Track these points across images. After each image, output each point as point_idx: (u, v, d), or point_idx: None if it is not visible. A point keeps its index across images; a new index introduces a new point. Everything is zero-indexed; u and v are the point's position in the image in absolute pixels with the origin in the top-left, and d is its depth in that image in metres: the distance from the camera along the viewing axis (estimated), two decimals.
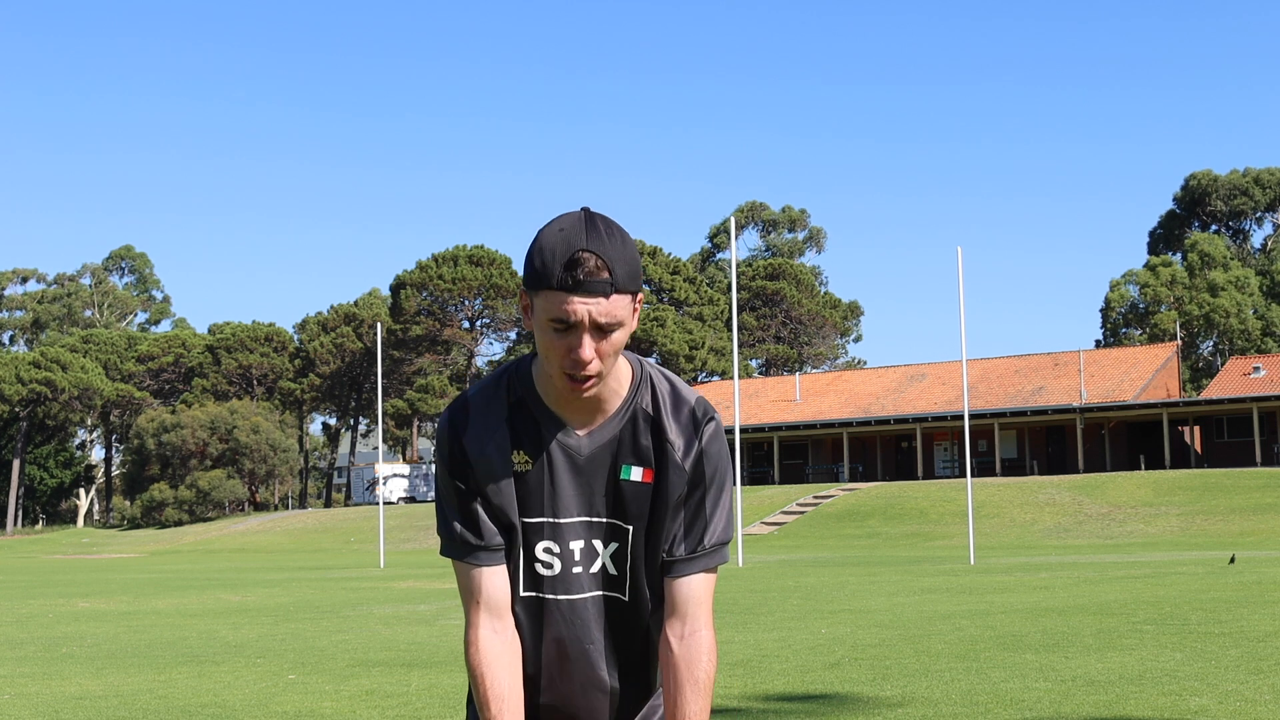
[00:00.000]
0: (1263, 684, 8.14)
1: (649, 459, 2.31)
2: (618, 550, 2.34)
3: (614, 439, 2.30)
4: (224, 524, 72.14)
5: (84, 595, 23.24)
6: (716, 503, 2.35)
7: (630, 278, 2.15)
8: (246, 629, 14.83)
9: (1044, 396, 59.60)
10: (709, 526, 2.33)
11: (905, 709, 7.64)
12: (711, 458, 2.32)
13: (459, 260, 78.08)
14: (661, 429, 2.31)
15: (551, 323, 2.14)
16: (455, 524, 2.31)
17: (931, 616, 13.88)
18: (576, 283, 2.10)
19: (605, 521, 2.32)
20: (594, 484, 2.31)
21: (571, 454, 2.30)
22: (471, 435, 2.30)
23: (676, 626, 2.32)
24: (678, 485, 2.31)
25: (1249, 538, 37.61)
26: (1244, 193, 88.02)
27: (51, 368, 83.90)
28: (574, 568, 2.33)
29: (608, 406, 2.30)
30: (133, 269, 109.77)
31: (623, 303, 2.15)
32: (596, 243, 2.12)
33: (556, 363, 2.17)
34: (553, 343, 2.16)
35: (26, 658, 12.08)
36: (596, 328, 2.14)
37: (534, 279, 2.15)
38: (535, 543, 2.31)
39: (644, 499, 2.31)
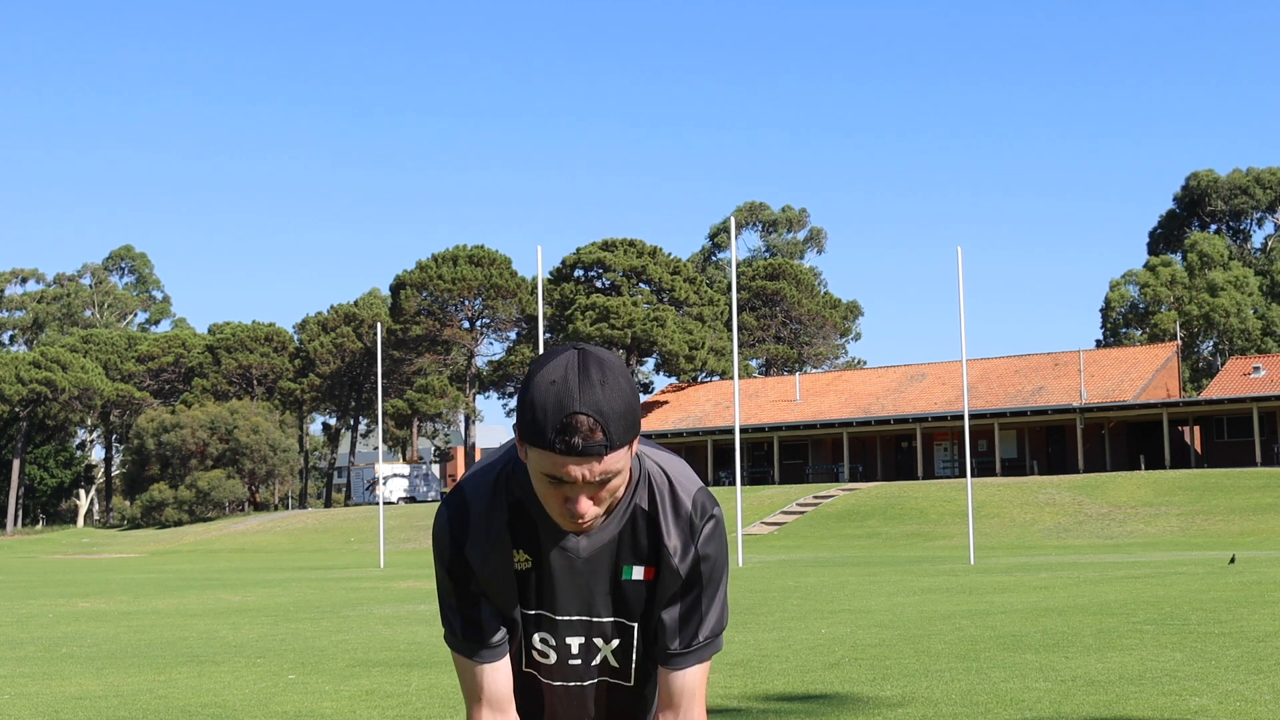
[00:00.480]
0: (1262, 684, 8.14)
1: (648, 558, 2.32)
2: (621, 645, 2.38)
3: (613, 540, 2.30)
4: (224, 524, 72.14)
5: (84, 595, 23.24)
6: (712, 600, 2.35)
7: (626, 430, 2.10)
8: (246, 629, 14.83)
9: (1044, 396, 59.60)
10: (704, 622, 2.35)
11: (905, 709, 7.64)
12: (709, 559, 2.32)
13: (459, 260, 78.06)
14: (658, 530, 2.30)
15: (547, 477, 2.12)
16: (456, 623, 2.33)
17: (931, 616, 13.88)
18: (570, 448, 2.05)
19: (609, 621, 2.35)
20: (594, 584, 2.32)
21: (570, 555, 2.30)
22: (473, 545, 2.30)
23: (669, 716, 2.35)
24: (671, 586, 2.32)
25: (1249, 538, 37.61)
26: (1245, 192, 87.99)
27: (51, 368, 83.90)
28: (571, 660, 2.38)
29: None
30: (132, 269, 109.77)
31: (619, 457, 2.10)
32: (590, 399, 2.05)
33: (554, 509, 2.17)
34: (549, 492, 2.14)
35: (27, 658, 12.08)
36: (592, 484, 2.11)
37: (527, 433, 2.10)
38: (532, 633, 2.36)
39: (644, 595, 2.34)
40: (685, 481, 2.34)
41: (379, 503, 48.72)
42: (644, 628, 2.36)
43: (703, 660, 2.35)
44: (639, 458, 2.35)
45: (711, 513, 2.32)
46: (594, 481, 2.10)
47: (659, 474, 2.34)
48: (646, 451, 2.36)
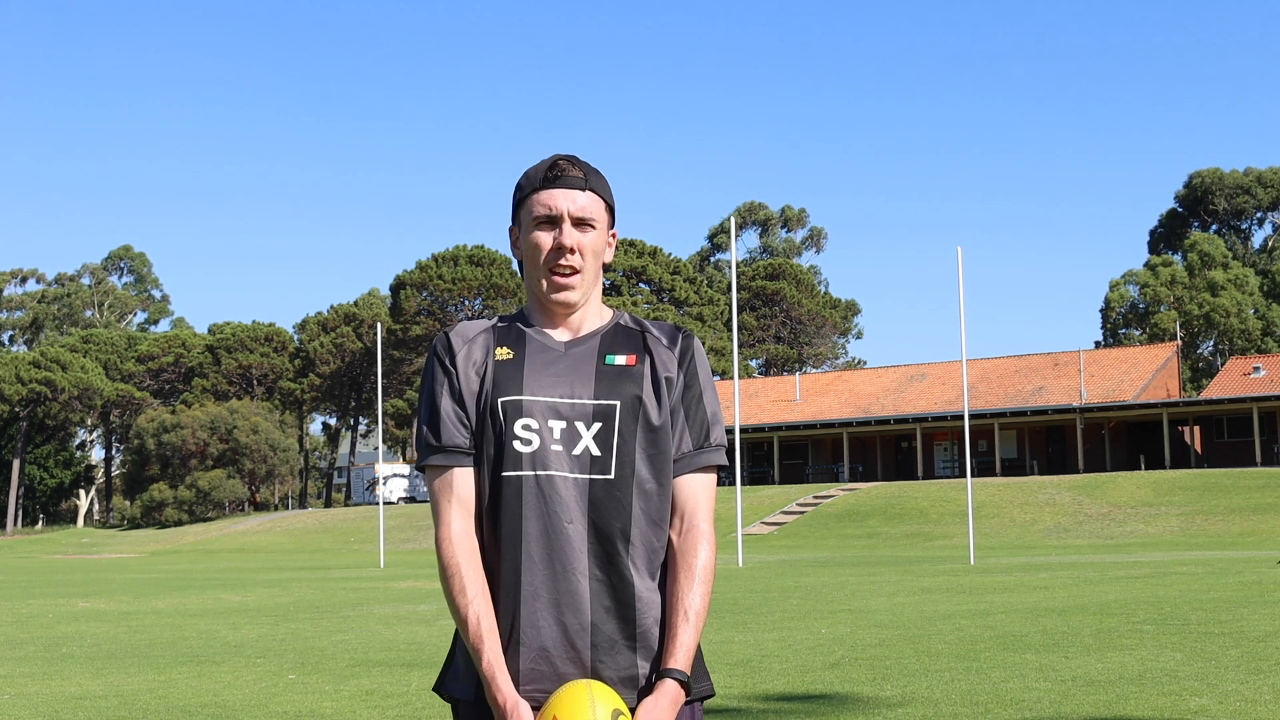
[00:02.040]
0: (1262, 684, 8.14)
1: (631, 349, 2.46)
2: (602, 429, 2.38)
3: (596, 336, 2.48)
4: (224, 524, 72.14)
5: (84, 595, 23.24)
6: (713, 404, 2.48)
7: (603, 188, 2.48)
8: (246, 629, 14.82)
9: (1044, 396, 59.61)
10: (708, 425, 2.46)
11: (905, 709, 7.64)
12: (700, 364, 2.48)
13: (459, 260, 78.08)
14: (646, 330, 2.50)
15: (535, 222, 2.43)
16: (429, 427, 2.43)
17: (931, 616, 13.88)
18: (555, 178, 2.42)
19: (589, 403, 2.39)
20: (576, 371, 2.42)
21: (554, 348, 2.45)
22: (459, 333, 2.48)
23: (677, 524, 2.41)
24: (669, 365, 2.45)
25: (1249, 538, 37.61)
26: (1246, 191, 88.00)
27: (51, 368, 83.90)
28: (553, 445, 2.37)
29: (589, 327, 2.49)
30: (131, 269, 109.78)
31: (597, 204, 2.45)
32: (572, 158, 2.47)
33: (542, 263, 2.43)
34: (539, 242, 2.43)
35: (27, 658, 12.08)
36: (575, 221, 2.42)
37: (519, 194, 2.48)
38: (514, 420, 2.38)
39: (628, 379, 2.42)
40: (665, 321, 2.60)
41: (379, 503, 48.73)
42: (630, 414, 2.39)
43: (710, 466, 2.45)
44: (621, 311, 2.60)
45: (691, 333, 2.52)
46: (576, 218, 2.42)
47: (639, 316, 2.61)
48: None
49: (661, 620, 2.38)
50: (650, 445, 2.40)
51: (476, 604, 2.30)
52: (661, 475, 2.42)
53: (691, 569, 2.35)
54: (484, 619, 2.30)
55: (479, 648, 2.29)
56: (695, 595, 2.34)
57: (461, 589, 2.31)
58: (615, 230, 2.54)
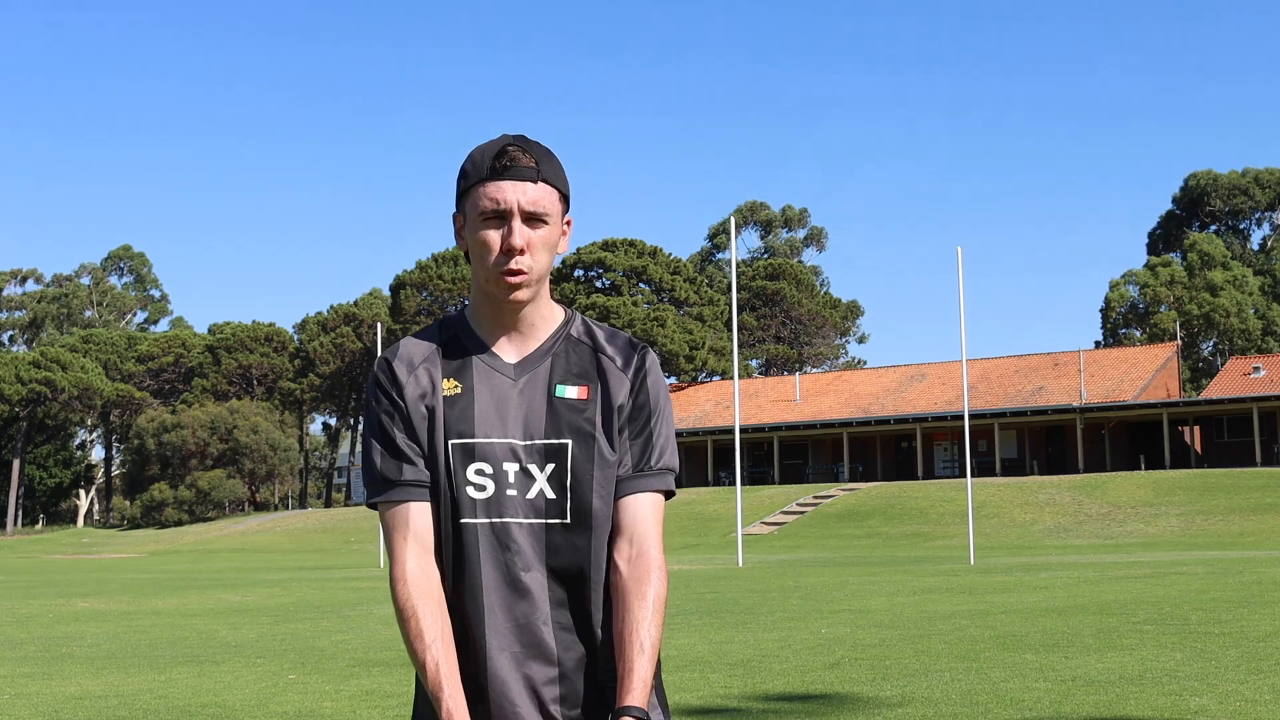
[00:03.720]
0: (1262, 684, 8.14)
1: (584, 379, 2.31)
2: (555, 470, 2.27)
3: (548, 363, 2.31)
4: (224, 524, 72.14)
5: (84, 595, 23.24)
6: (663, 426, 2.34)
7: (556, 175, 2.26)
8: (246, 629, 14.82)
9: (1044, 396, 59.60)
10: (654, 447, 2.32)
11: (905, 709, 7.64)
12: (652, 386, 2.34)
13: (459, 260, 78.06)
14: (599, 348, 2.33)
15: (483, 218, 2.21)
16: (380, 461, 2.27)
17: (931, 616, 13.88)
18: (504, 168, 2.20)
19: (541, 443, 2.27)
20: (528, 406, 2.28)
21: (502, 377, 2.29)
22: (402, 360, 2.30)
23: (624, 549, 2.27)
24: (620, 393, 2.30)
25: (1249, 538, 37.61)
26: (1244, 192, 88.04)
27: (51, 368, 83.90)
28: (508, 490, 2.25)
29: (539, 333, 2.32)
30: (131, 269, 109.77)
31: (550, 195, 2.24)
32: (524, 143, 2.25)
33: (489, 261, 2.22)
34: (485, 240, 2.21)
35: (27, 658, 12.08)
36: (526, 216, 2.21)
37: (465, 180, 2.25)
38: (466, 465, 2.25)
39: (580, 415, 2.29)
40: (620, 331, 2.40)
41: None
42: (583, 453, 2.27)
43: (657, 489, 2.31)
44: (572, 309, 2.44)
45: (649, 349, 2.36)
46: (527, 211, 2.20)
47: (593, 321, 2.41)
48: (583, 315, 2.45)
49: None
50: (604, 483, 2.29)
51: (434, 649, 2.18)
52: (608, 503, 2.33)
53: (645, 598, 2.22)
54: (442, 664, 2.17)
55: (438, 694, 2.16)
56: (651, 627, 2.21)
57: (419, 633, 2.19)
58: (570, 218, 2.35)
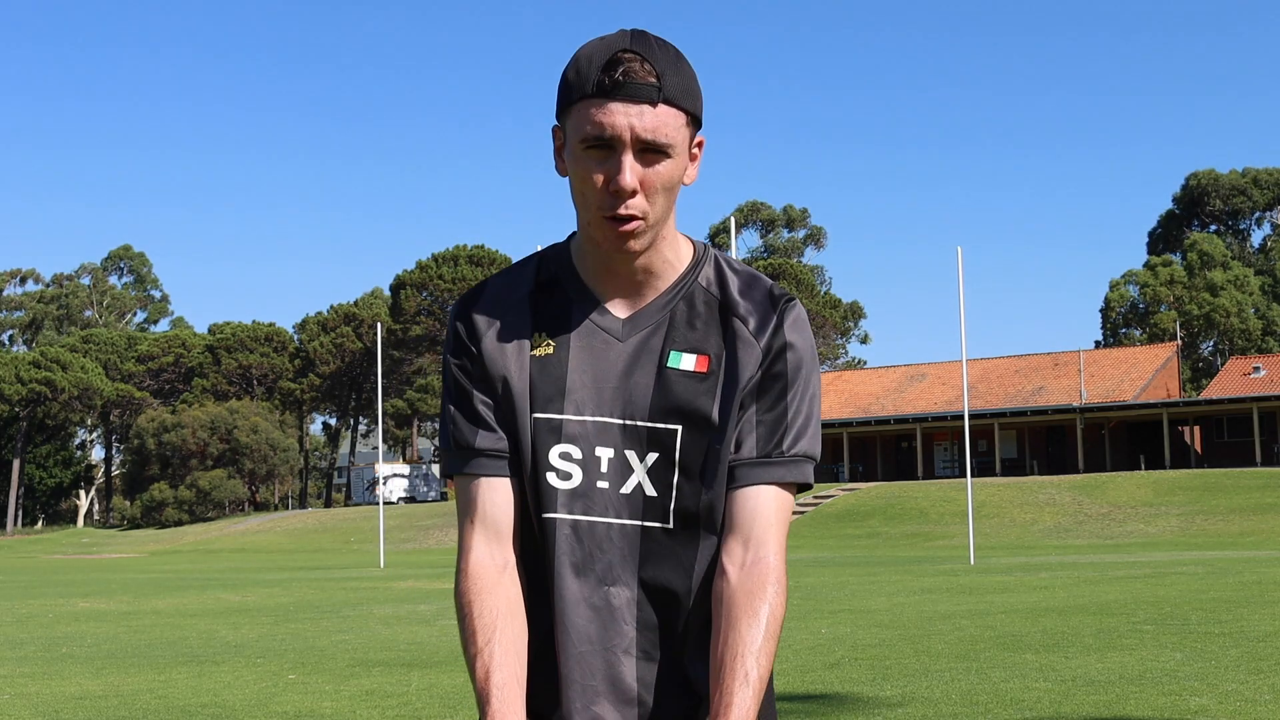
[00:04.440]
0: (1262, 684, 8.14)
1: (705, 345, 1.87)
2: (659, 461, 1.85)
3: (664, 321, 1.87)
4: (224, 524, 72.15)
5: (84, 595, 23.24)
6: (802, 405, 1.87)
7: (684, 93, 1.77)
8: (246, 629, 14.83)
9: (1044, 396, 59.61)
10: (789, 428, 1.85)
11: (905, 709, 7.65)
12: (796, 349, 1.87)
13: (459, 260, 78.10)
14: (730, 304, 1.88)
15: (585, 145, 1.76)
16: (453, 426, 1.89)
17: (931, 616, 13.88)
18: (615, 85, 1.73)
19: (644, 425, 1.85)
20: (633, 377, 1.85)
21: (607, 339, 1.87)
22: (484, 307, 1.91)
23: (737, 551, 1.83)
24: (749, 366, 1.85)
25: (1249, 538, 37.62)
26: (1243, 192, 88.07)
27: (51, 368, 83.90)
28: (599, 482, 1.85)
29: (659, 282, 1.88)
30: (131, 268, 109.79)
31: (674, 120, 1.76)
32: (644, 47, 1.76)
33: (593, 201, 1.77)
34: (588, 174, 1.76)
35: (27, 657, 12.08)
36: (641, 147, 1.75)
37: (566, 93, 1.78)
38: (550, 446, 1.85)
39: (696, 393, 1.84)
40: (761, 274, 1.92)
41: (379, 503, 48.71)
42: (695, 442, 1.84)
43: (785, 480, 1.84)
44: (706, 244, 1.95)
45: (797, 300, 1.89)
46: (643, 140, 1.74)
47: (733, 260, 1.93)
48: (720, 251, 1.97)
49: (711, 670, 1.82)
50: (720, 481, 1.86)
51: (486, 654, 1.80)
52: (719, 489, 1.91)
53: (757, 616, 1.79)
54: (494, 674, 1.79)
55: (484, 704, 1.78)
56: (761, 655, 1.79)
57: (472, 634, 1.81)
58: (702, 138, 1.86)
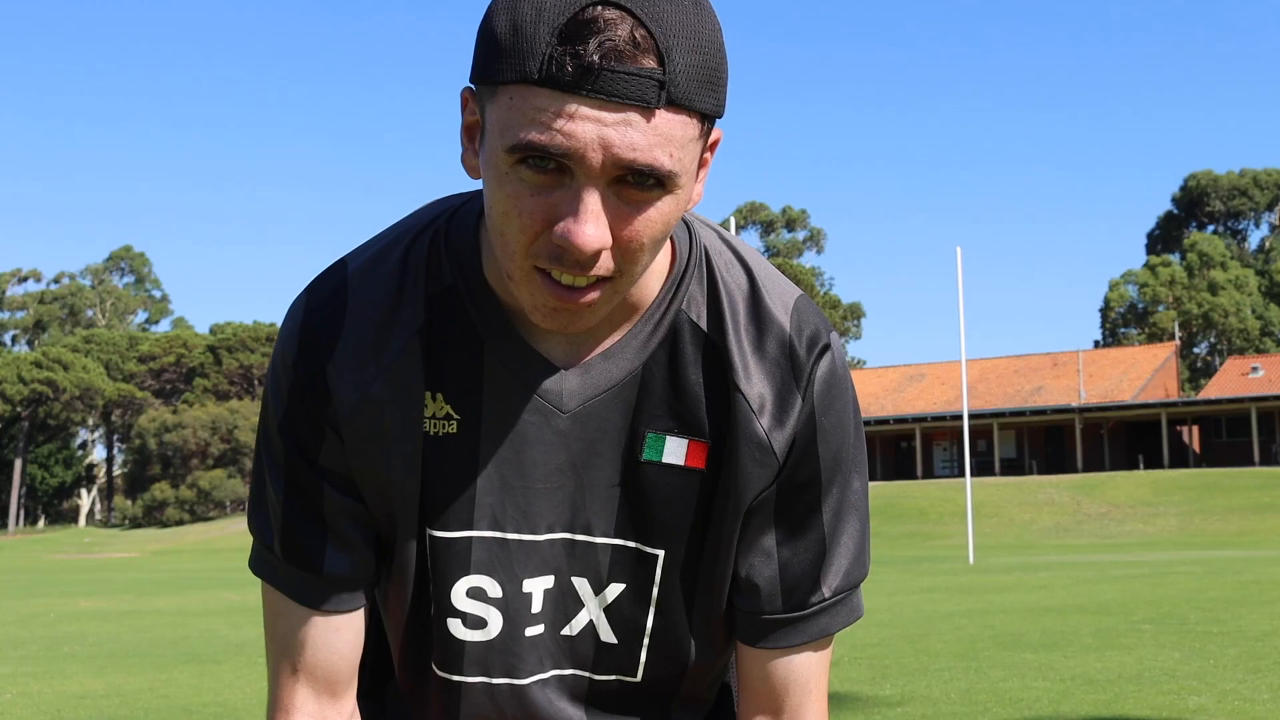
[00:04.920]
0: (1261, 683, 8.17)
1: (697, 422, 1.20)
2: (626, 596, 1.24)
3: (631, 379, 1.19)
4: (225, 523, 72.16)
5: (86, 594, 23.27)
6: (844, 517, 1.25)
7: (704, 80, 1.02)
8: (248, 628, 14.85)
9: (1043, 396, 59.63)
10: (829, 563, 1.25)
11: (905, 708, 7.67)
12: (829, 432, 1.23)
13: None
14: (727, 363, 1.19)
15: (515, 157, 1.01)
16: (282, 528, 1.22)
17: (931, 616, 13.91)
18: (583, 72, 0.98)
19: (608, 544, 1.23)
20: (586, 469, 1.20)
21: (541, 408, 1.19)
22: (347, 353, 1.17)
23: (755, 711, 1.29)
24: (756, 479, 1.20)
25: (1248, 537, 37.64)
26: (1242, 193, 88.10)
27: (53, 368, 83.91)
28: (529, 627, 1.24)
29: (622, 312, 1.19)
30: (131, 269, 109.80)
31: (681, 131, 1.02)
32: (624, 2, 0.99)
33: (518, 246, 1.05)
34: (515, 202, 1.03)
35: (28, 657, 12.10)
36: (621, 176, 1.02)
37: (490, 57, 1.02)
38: (454, 578, 1.22)
39: (685, 500, 1.21)
40: (775, 283, 1.23)
41: None
42: (677, 570, 1.24)
43: (826, 635, 1.26)
44: (689, 225, 1.24)
45: (826, 341, 1.22)
46: (628, 167, 1.01)
47: (729, 257, 1.24)
48: (706, 224, 1.27)
49: None
50: (711, 623, 1.28)
51: None
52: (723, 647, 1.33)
53: None
54: None
55: None
56: None
57: None
58: (719, 134, 1.11)
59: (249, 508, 1.27)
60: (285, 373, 1.19)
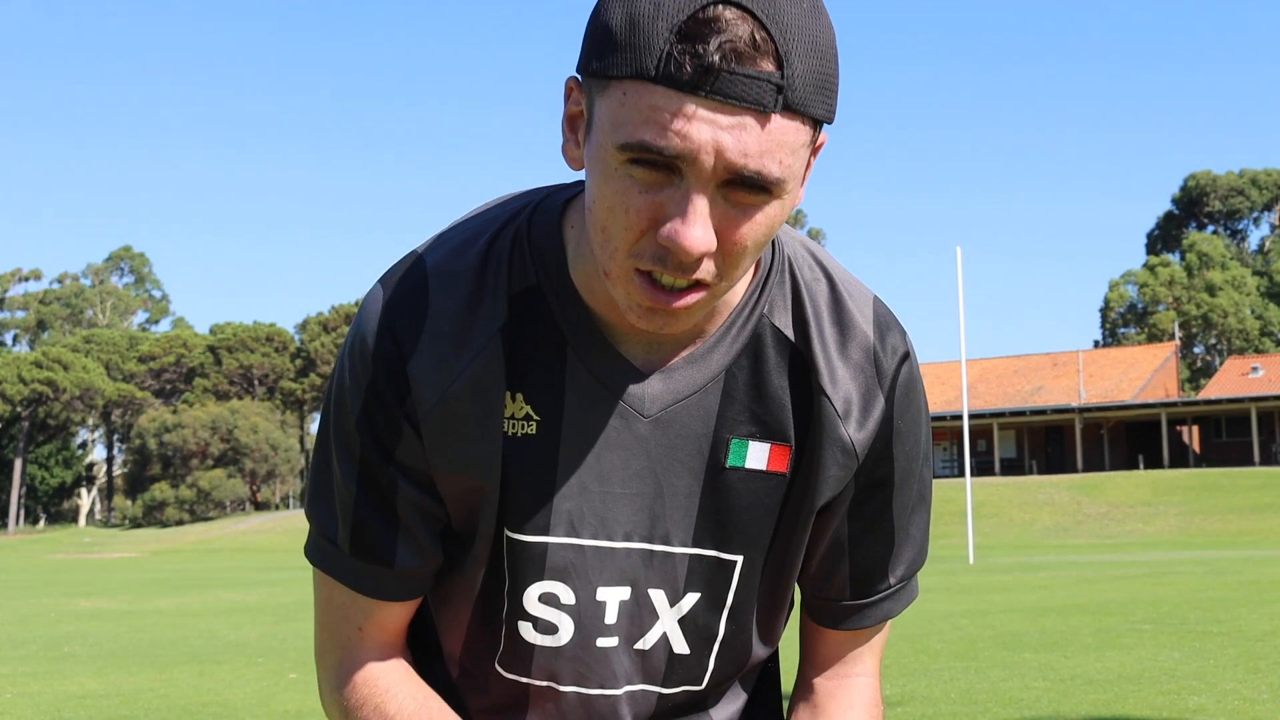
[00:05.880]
0: (1260, 683, 8.17)
1: (782, 427, 1.21)
2: (701, 605, 1.25)
3: (714, 384, 1.20)
4: (225, 523, 72.16)
5: (85, 594, 23.27)
6: (915, 511, 1.31)
7: (820, 85, 1.02)
8: (248, 628, 14.85)
9: (1043, 396, 59.64)
10: (898, 554, 1.31)
11: (904, 708, 7.67)
12: (906, 436, 1.25)
13: None
14: (811, 367, 1.21)
15: (626, 155, 1.01)
16: (354, 523, 1.22)
17: (931, 616, 13.91)
18: (704, 72, 0.97)
19: (684, 553, 1.23)
20: (665, 476, 1.20)
21: (624, 412, 1.19)
22: (429, 350, 1.17)
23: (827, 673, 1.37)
24: (835, 481, 1.23)
25: (1247, 537, 37.65)
26: (1241, 193, 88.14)
27: (53, 368, 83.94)
28: (601, 638, 1.24)
29: (705, 317, 1.19)
30: (132, 269, 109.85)
31: (795, 138, 1.02)
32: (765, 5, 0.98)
33: (622, 244, 1.05)
34: (622, 198, 1.03)
35: (28, 657, 12.10)
36: (730, 179, 1.01)
37: (605, 50, 1.02)
38: (528, 581, 1.22)
39: (766, 505, 1.23)
40: (853, 287, 1.25)
41: None
42: (756, 576, 1.26)
43: (890, 617, 1.35)
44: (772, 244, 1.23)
45: (906, 348, 1.25)
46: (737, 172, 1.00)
47: (812, 266, 1.24)
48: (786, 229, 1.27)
49: None
50: (773, 611, 1.32)
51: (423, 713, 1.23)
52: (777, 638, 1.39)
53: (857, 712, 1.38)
54: None
55: None
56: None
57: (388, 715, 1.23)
58: (825, 137, 1.11)
59: (309, 497, 1.27)
60: (364, 368, 1.18)
